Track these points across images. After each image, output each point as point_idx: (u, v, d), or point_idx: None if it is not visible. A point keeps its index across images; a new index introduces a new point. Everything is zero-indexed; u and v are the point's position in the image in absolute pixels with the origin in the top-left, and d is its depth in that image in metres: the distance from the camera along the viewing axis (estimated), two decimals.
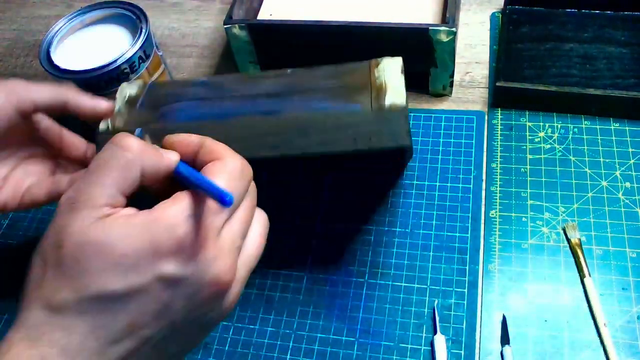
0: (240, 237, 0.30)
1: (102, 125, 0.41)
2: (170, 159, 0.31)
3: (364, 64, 0.43)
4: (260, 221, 0.33)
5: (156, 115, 0.41)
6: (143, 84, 0.45)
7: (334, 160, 0.53)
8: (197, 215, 0.28)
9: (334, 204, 0.51)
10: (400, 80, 0.40)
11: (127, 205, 0.29)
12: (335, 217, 0.51)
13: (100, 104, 0.41)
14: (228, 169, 0.30)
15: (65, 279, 0.27)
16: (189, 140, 0.32)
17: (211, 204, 0.29)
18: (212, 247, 0.28)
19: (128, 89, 0.44)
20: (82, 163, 0.45)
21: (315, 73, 0.43)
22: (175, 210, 0.28)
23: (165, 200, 0.29)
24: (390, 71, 0.41)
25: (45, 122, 0.43)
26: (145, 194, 0.31)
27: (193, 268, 0.28)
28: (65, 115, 0.42)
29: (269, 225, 0.33)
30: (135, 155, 0.29)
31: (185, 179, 0.30)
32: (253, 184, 0.32)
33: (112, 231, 0.27)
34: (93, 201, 0.28)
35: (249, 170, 0.31)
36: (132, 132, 0.32)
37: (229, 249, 0.29)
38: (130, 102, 0.43)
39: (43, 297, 0.27)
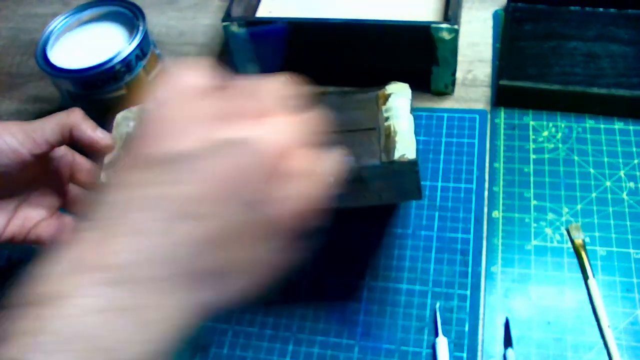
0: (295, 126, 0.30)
1: (103, 177, 0.40)
2: None
3: (370, 97, 0.42)
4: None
5: None
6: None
7: None
8: (259, 93, 0.30)
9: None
10: (410, 122, 0.39)
11: None
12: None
13: (98, 141, 0.41)
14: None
15: (137, 156, 0.27)
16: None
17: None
18: (273, 120, 0.29)
19: (124, 126, 0.42)
20: (92, 186, 0.45)
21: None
22: (242, 84, 0.30)
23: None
24: (399, 111, 0.40)
25: (59, 151, 0.43)
26: None
27: (257, 132, 0.28)
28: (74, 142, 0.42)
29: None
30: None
31: None
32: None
33: (178, 107, 0.28)
34: None
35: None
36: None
37: (286, 127, 0.29)
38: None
39: (115, 184, 0.27)
